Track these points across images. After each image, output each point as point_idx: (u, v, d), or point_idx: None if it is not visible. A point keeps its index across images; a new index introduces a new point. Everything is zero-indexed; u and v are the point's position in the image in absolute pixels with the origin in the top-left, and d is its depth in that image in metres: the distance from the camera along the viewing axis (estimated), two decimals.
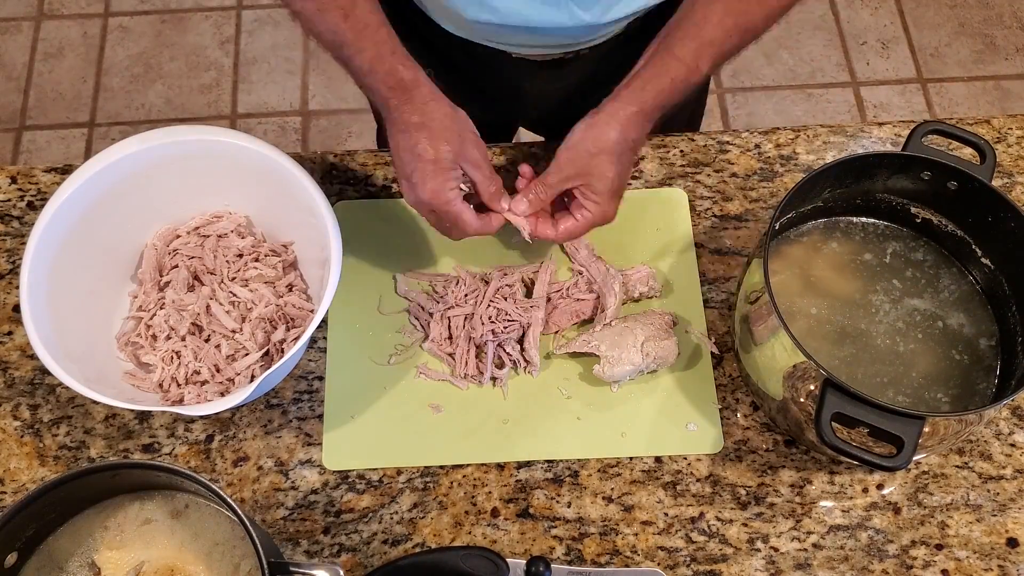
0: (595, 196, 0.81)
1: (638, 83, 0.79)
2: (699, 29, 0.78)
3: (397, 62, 0.78)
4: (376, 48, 0.78)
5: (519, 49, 0.95)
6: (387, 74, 0.78)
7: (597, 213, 0.81)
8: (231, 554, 0.74)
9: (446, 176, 0.78)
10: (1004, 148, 1.01)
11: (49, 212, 0.82)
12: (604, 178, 0.80)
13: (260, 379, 0.77)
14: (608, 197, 0.81)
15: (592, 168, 0.79)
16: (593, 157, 0.79)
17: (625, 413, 0.88)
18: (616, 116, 0.78)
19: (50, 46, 2.19)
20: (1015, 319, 0.83)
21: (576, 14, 0.86)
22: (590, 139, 0.79)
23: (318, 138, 2.09)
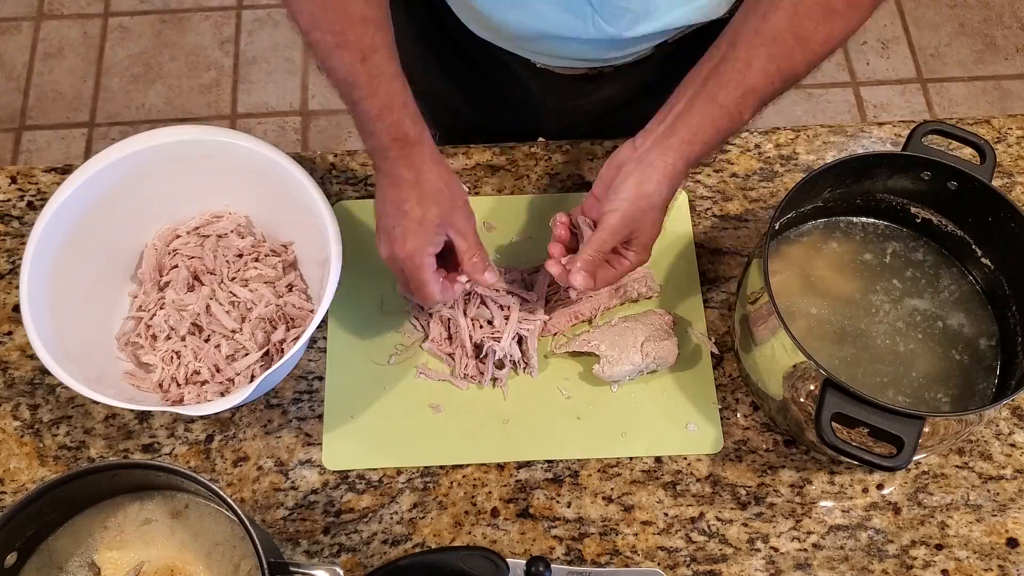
0: (638, 247, 0.81)
1: (686, 134, 0.77)
2: (743, 76, 0.75)
3: (406, 115, 0.78)
4: (387, 98, 0.77)
5: (545, 59, 0.95)
6: (393, 124, 0.77)
7: (636, 262, 0.82)
8: (231, 554, 0.74)
9: (428, 239, 0.78)
10: (1004, 148, 1.01)
11: (49, 212, 0.82)
12: (652, 233, 0.80)
13: (260, 379, 0.77)
14: (648, 248, 0.81)
15: (643, 225, 0.79)
16: (645, 215, 0.78)
17: (625, 413, 0.88)
18: (666, 172, 0.77)
19: (50, 46, 2.19)
20: (1015, 319, 0.83)
21: (600, 26, 0.85)
22: (643, 198, 0.77)
23: (318, 138, 2.09)
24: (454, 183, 0.80)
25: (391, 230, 0.78)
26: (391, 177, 0.78)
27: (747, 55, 0.75)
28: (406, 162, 0.78)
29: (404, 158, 0.78)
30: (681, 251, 0.95)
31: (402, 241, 0.78)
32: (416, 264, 0.78)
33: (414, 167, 0.78)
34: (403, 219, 0.77)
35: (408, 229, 0.77)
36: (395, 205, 0.78)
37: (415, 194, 0.77)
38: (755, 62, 0.75)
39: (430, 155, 0.79)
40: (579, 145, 1.01)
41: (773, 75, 0.76)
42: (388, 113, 0.77)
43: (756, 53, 0.75)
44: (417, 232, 0.77)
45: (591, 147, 1.01)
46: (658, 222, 0.80)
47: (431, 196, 0.77)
